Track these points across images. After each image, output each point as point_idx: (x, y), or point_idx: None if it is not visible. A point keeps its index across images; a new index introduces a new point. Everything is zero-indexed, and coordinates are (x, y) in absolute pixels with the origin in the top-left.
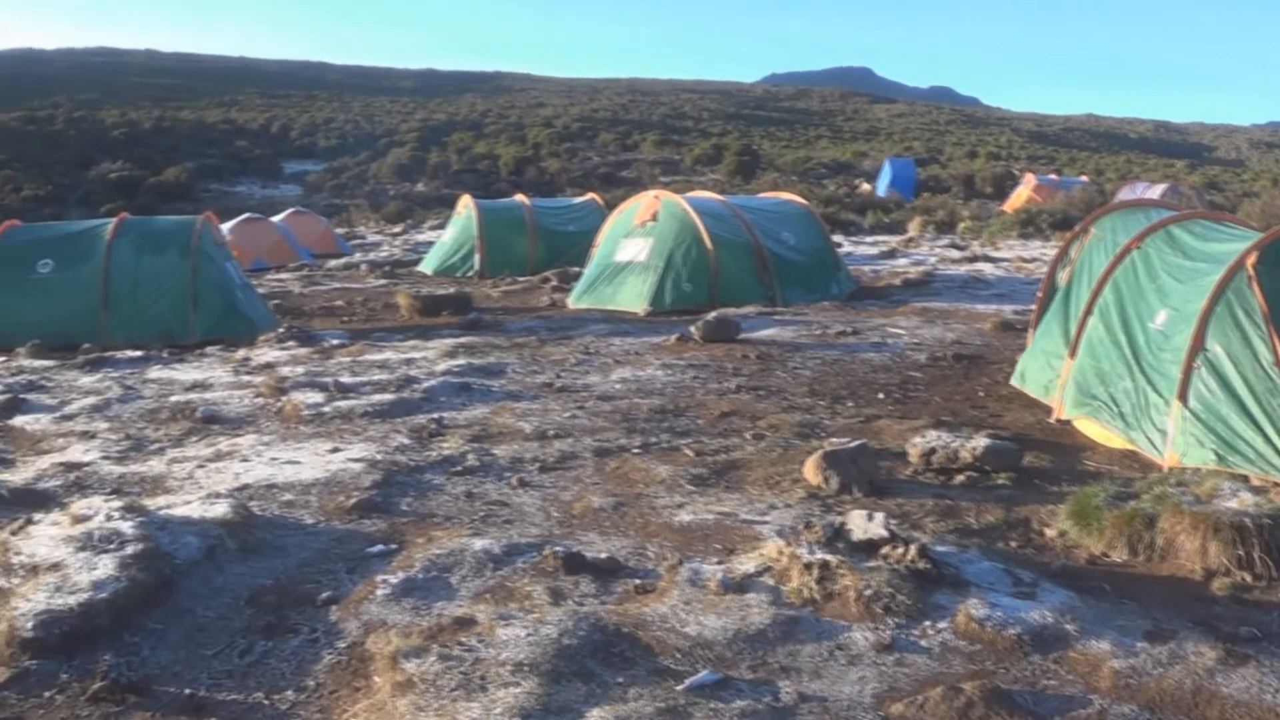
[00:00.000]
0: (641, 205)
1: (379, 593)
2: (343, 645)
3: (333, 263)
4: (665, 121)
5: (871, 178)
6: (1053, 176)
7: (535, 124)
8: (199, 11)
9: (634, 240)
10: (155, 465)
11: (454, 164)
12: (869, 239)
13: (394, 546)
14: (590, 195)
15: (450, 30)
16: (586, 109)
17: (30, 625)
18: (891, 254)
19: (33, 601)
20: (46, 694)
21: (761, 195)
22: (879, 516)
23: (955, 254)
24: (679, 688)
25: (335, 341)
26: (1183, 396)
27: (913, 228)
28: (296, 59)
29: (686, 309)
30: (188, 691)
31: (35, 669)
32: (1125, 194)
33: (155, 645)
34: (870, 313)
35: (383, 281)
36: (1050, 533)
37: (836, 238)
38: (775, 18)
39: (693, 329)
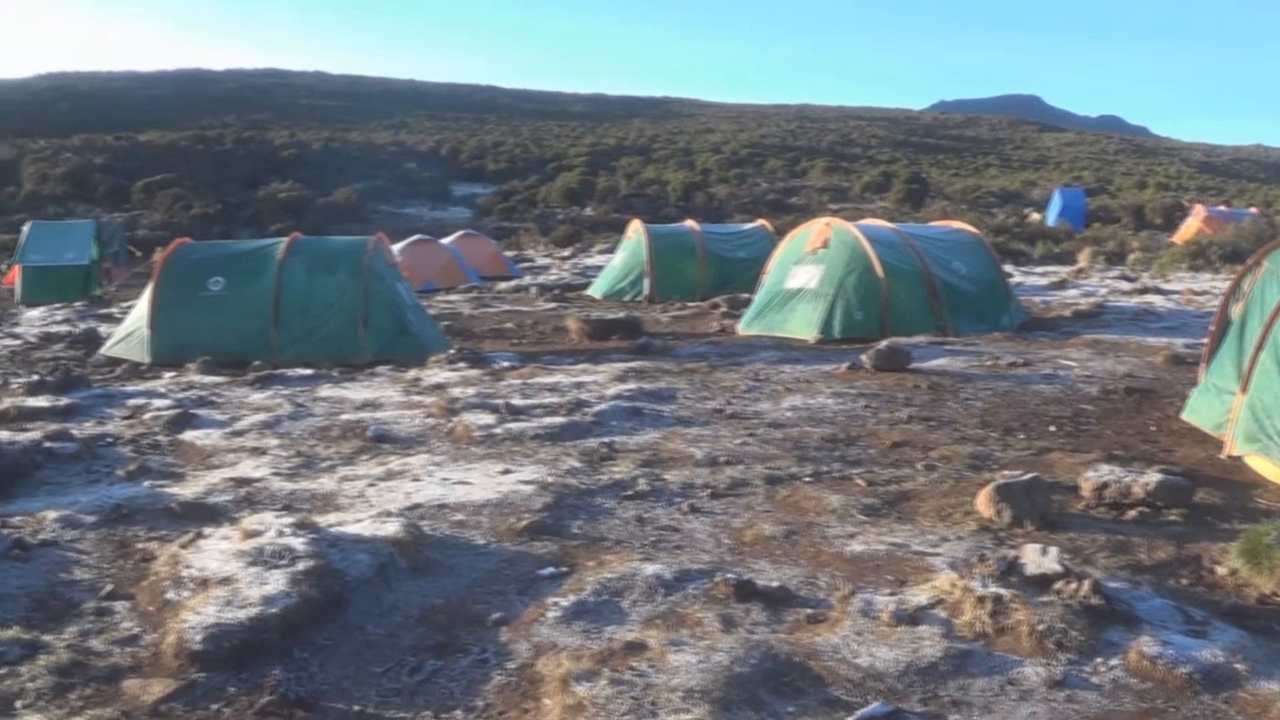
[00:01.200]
0: (812, 232)
1: (550, 615)
2: (513, 666)
3: (502, 285)
4: (833, 148)
5: (1040, 207)
6: (1222, 208)
7: (704, 150)
8: (368, 34)
9: (805, 267)
10: (326, 483)
11: (623, 189)
12: (1039, 269)
13: (565, 569)
14: (760, 221)
15: (620, 56)
16: (755, 135)
17: (199, 638)
18: (1061, 285)
19: (202, 614)
20: (213, 707)
21: (932, 224)
22: (1053, 551)
23: (1126, 285)
24: (849, 719)
25: (506, 364)
26: None
27: (1083, 258)
28: (466, 82)
29: (856, 337)
30: (356, 708)
31: (203, 681)
32: None
33: (324, 661)
34: (1041, 344)
35: (552, 305)
36: (1221, 571)
37: (1006, 267)
38: (944, 45)
39: (864, 357)
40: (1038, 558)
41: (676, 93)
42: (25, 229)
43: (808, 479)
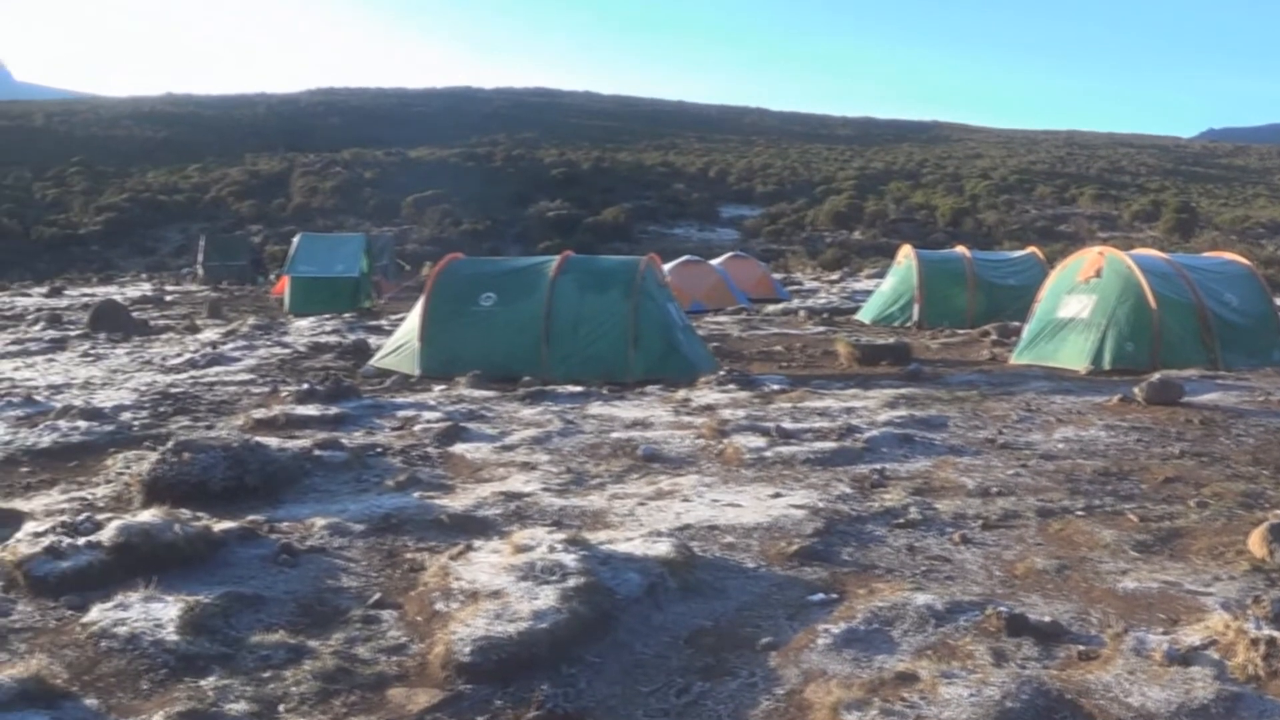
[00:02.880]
0: (1085, 261)
1: (819, 641)
2: (781, 692)
3: (770, 308)
4: (1102, 175)
5: None
6: None
7: (972, 175)
8: (637, 55)
9: (1076, 297)
10: (596, 500)
11: (891, 213)
12: None
13: (835, 596)
14: (1030, 249)
15: (888, 79)
16: (1024, 161)
17: (468, 650)
18: None
19: (471, 626)
20: (479, 719)
21: (1203, 254)
22: None
23: None
24: None
25: (775, 387)
26: None
27: None
28: (734, 104)
29: (1127, 369)
30: None
31: (470, 693)
32: None
33: (592, 679)
34: None
35: (821, 328)
36: None
37: (1278, 301)
38: (1214, 73)
39: (1135, 390)
40: None
41: (945, 117)
42: (295, 241)
43: (1079, 512)
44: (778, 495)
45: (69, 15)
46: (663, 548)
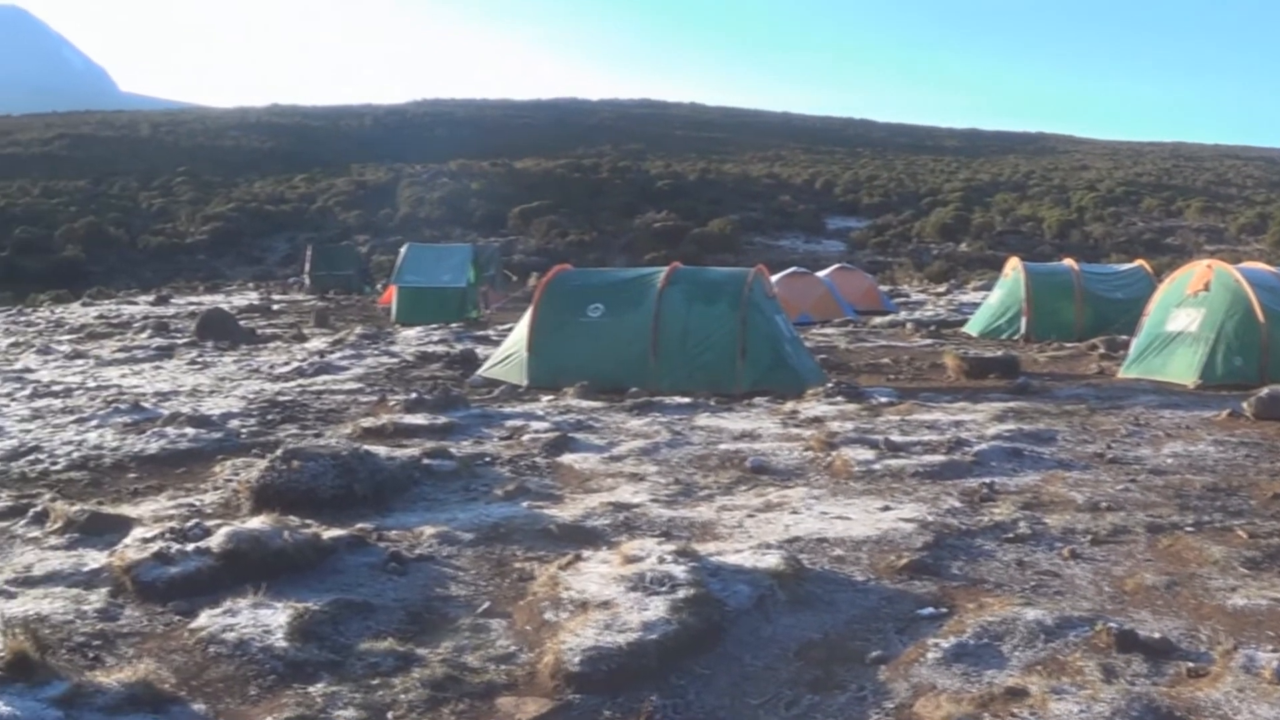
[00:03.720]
0: (1194, 275)
1: (929, 656)
2: (890, 706)
3: (877, 320)
4: (1209, 188)
5: None
6: None
7: (1079, 187)
8: (743, 66)
9: (1185, 310)
10: (704, 511)
11: (997, 225)
12: None
13: (944, 610)
14: (1138, 262)
15: (994, 91)
16: (1130, 172)
17: (577, 660)
18: None
19: (581, 636)
20: None
21: None
22: None
23: None
24: None
25: (883, 399)
26: None
27: None
28: (839, 115)
29: (1236, 383)
30: None
31: (578, 703)
32: None
33: (701, 690)
34: None
35: (928, 341)
36: None
37: None
38: None
39: (1244, 405)
40: None
41: (1051, 128)
42: (402, 251)
43: (1189, 528)
44: (887, 508)
45: (174, 26)
46: (772, 560)
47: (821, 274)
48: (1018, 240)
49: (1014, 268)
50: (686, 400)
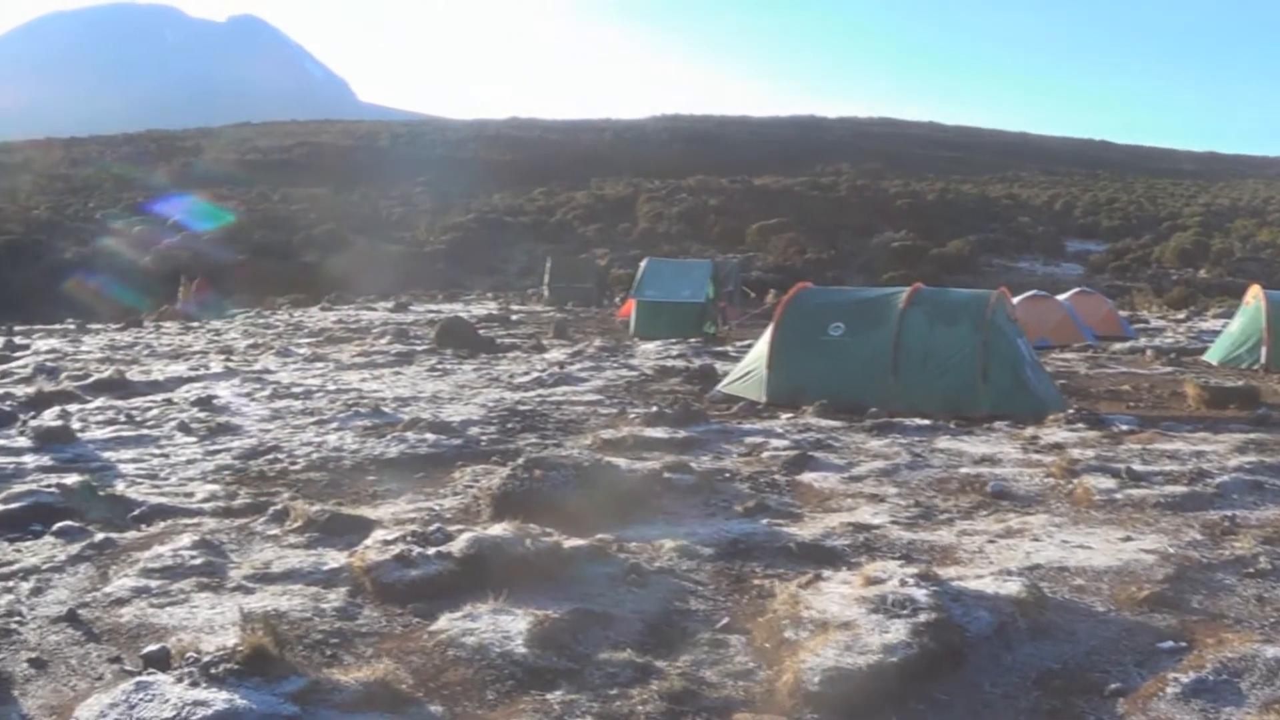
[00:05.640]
0: None
1: (1168, 690)
2: None
3: (1116, 345)
4: None
5: None
6: None
7: None
8: (980, 86)
9: None
10: (944, 535)
11: (1237, 251)
12: None
13: (1183, 644)
14: None
15: (1234, 113)
16: None
17: (817, 679)
18: None
19: (821, 656)
20: None
21: None
22: None
23: None
24: None
25: (1124, 427)
26: None
27: None
28: (1078, 136)
29: None
30: None
31: None
32: None
33: (939, 715)
34: None
35: (1168, 368)
36: None
37: None
38: None
39: None
40: None
41: None
42: (642, 265)
43: None
44: (1128, 538)
45: (412, 39)
46: (1013, 587)
47: (1061, 297)
48: (1258, 267)
49: (1255, 295)
50: (926, 422)
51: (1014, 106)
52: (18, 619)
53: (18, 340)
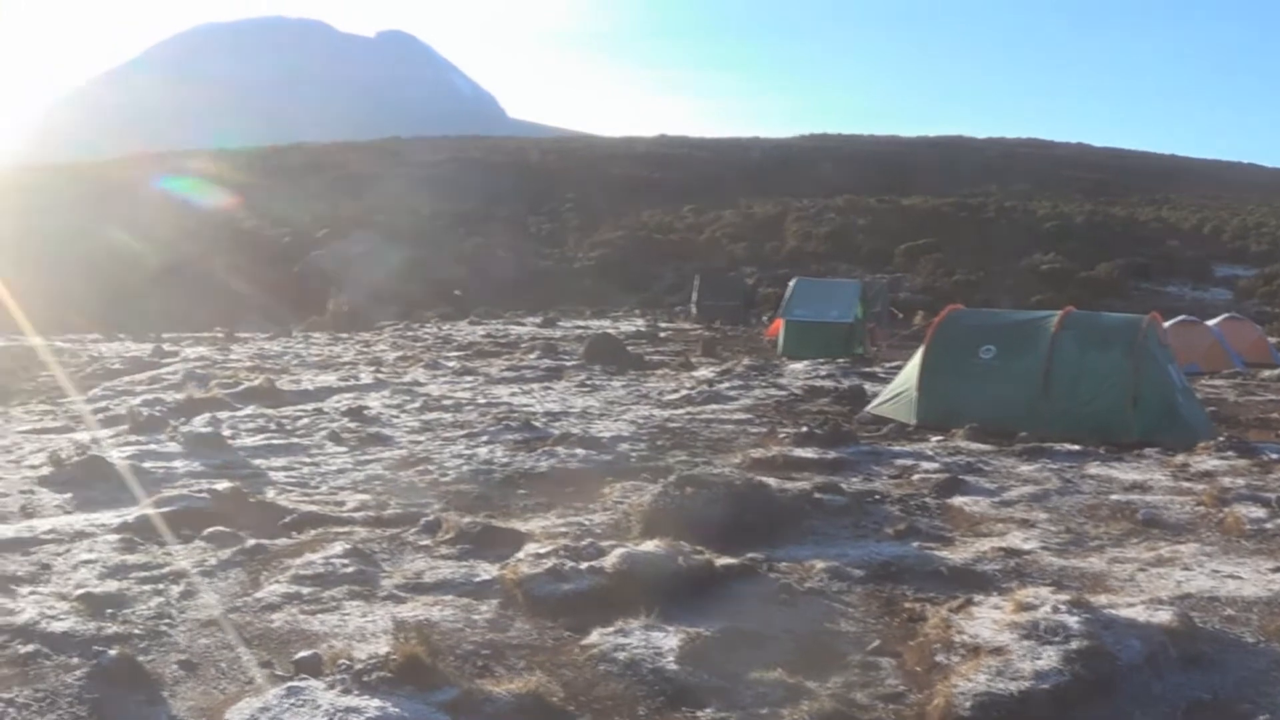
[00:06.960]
0: None
1: None
2: None
3: (1266, 373)
4: None
5: None
6: None
7: None
8: (1129, 107)
9: None
10: (1095, 562)
11: None
12: None
13: None
14: None
15: None
16: None
17: (968, 704)
18: None
19: (973, 681)
20: None
21: None
22: None
23: None
24: None
25: (1275, 456)
26: None
27: None
28: (1227, 159)
29: None
30: None
31: None
32: None
33: None
34: None
35: None
36: None
37: None
38: None
39: None
40: None
41: None
42: (791, 285)
43: None
44: (1278, 569)
45: (559, 56)
46: (1164, 616)
47: (1210, 323)
48: None
49: None
50: (1076, 447)
51: (1163, 129)
52: (168, 621)
53: (166, 347)
